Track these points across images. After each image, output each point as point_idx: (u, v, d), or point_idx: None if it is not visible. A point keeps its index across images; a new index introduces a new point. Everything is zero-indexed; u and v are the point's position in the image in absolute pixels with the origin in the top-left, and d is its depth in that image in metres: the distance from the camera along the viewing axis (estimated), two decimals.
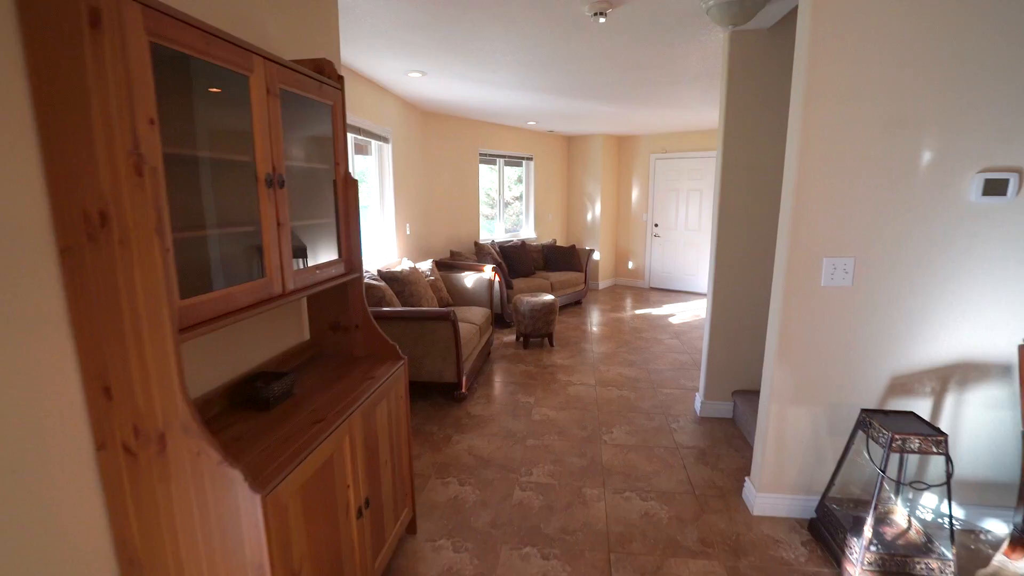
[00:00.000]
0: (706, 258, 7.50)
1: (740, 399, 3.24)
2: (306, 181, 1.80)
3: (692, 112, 5.71)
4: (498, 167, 6.98)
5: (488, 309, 4.61)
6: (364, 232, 4.33)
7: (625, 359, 4.62)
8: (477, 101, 5.09)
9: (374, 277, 3.73)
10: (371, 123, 4.25)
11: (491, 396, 3.77)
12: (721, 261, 3.21)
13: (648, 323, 5.93)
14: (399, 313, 3.31)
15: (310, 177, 1.82)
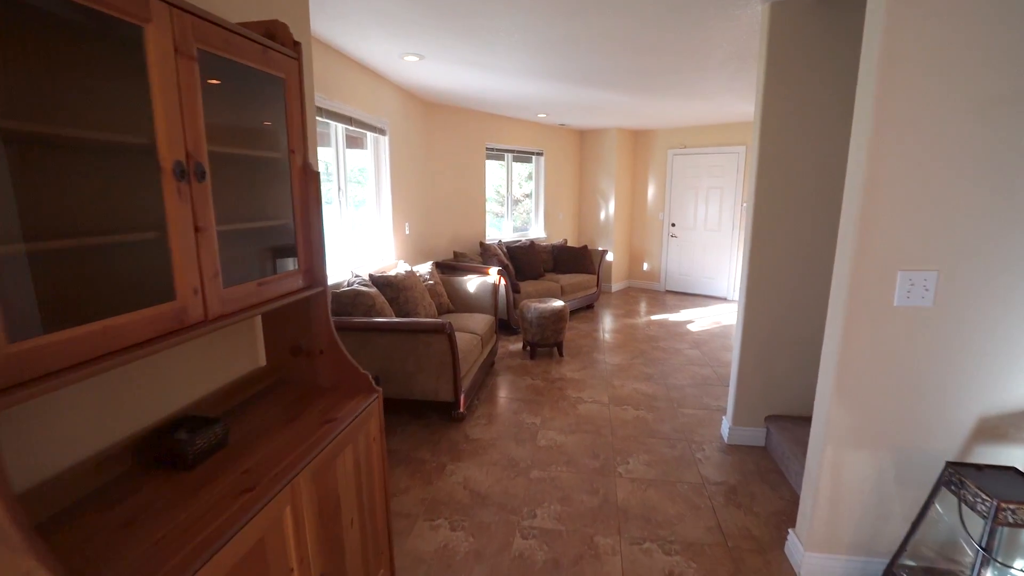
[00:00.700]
0: (726, 260, 7.06)
1: (775, 426, 2.84)
2: (253, 174, 1.44)
3: (715, 104, 5.28)
4: (506, 163, 6.60)
5: (492, 316, 4.25)
6: (359, 232, 4.03)
7: (641, 372, 4.22)
8: (482, 90, 4.72)
9: (365, 282, 3.38)
10: (365, 113, 3.89)
11: (493, 415, 3.40)
12: (755, 269, 2.81)
13: (665, 330, 5.52)
14: (388, 325, 2.95)
15: (258, 169, 1.46)
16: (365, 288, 3.24)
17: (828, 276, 2.70)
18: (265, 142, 1.47)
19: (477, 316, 4.09)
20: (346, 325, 2.96)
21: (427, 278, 4.17)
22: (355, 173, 4.32)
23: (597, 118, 6.37)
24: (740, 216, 6.84)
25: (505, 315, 5.15)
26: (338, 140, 3.73)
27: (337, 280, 3.51)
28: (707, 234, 7.20)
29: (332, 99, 3.38)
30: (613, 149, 7.26)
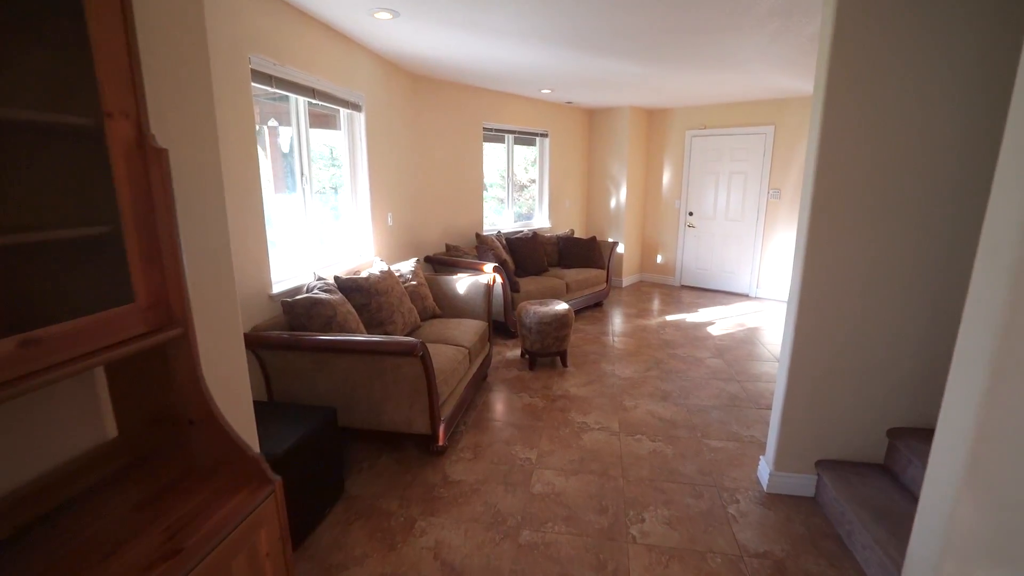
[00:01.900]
0: (749, 253, 6.40)
1: (830, 475, 2.25)
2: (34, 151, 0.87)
3: (744, 76, 4.60)
4: (507, 145, 5.97)
5: (484, 322, 3.67)
6: (331, 226, 3.41)
7: (657, 389, 3.64)
8: (477, 60, 4.08)
9: (328, 287, 2.81)
10: (334, 85, 3.29)
11: (480, 446, 2.84)
12: (810, 280, 2.19)
13: (682, 334, 4.91)
14: (344, 344, 2.38)
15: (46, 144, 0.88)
16: (325, 295, 2.68)
17: (918, 292, 2.09)
18: (59, 97, 0.89)
19: (466, 323, 3.52)
20: (289, 343, 2.40)
21: (409, 278, 3.59)
22: (329, 157, 3.74)
23: (608, 94, 5.70)
24: (766, 205, 6.17)
25: (502, 316, 4.58)
26: (299, 116, 3.13)
27: (297, 284, 2.95)
28: (728, 224, 6.55)
29: (286, 65, 2.79)
30: (626, 130, 6.59)
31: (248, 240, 2.53)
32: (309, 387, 2.58)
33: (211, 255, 1.31)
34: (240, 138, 2.43)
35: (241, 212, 2.46)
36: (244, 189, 2.47)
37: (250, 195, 2.52)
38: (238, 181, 2.44)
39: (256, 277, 2.61)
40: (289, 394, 2.62)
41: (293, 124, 3.13)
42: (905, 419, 2.25)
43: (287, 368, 2.56)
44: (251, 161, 2.52)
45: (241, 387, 1.47)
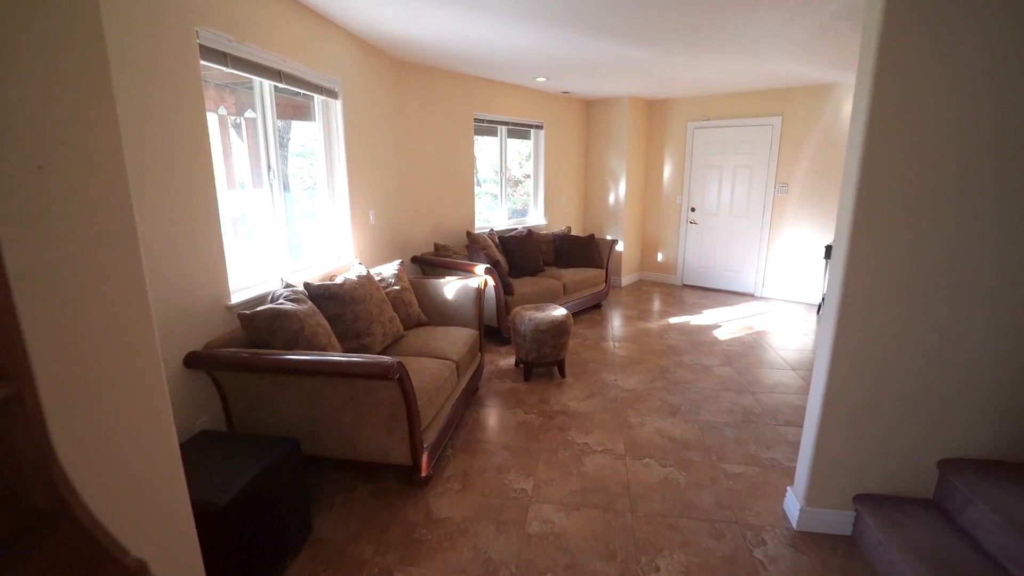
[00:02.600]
0: (754, 251, 6.10)
1: (873, 513, 1.95)
2: None
3: (754, 61, 4.27)
4: (500, 138, 5.63)
5: (475, 330, 3.34)
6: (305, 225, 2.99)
7: (664, 402, 3.33)
8: (465, 42, 3.73)
9: (296, 296, 2.47)
10: (303, 68, 2.94)
11: (469, 474, 2.52)
12: (854, 288, 1.88)
13: (687, 338, 4.61)
14: (305, 364, 2.04)
15: None
16: (290, 306, 2.34)
17: (978, 305, 1.78)
18: None
19: (455, 332, 3.19)
20: (243, 363, 2.06)
21: (391, 283, 3.26)
22: (301, 148, 3.39)
23: (606, 83, 5.36)
24: (772, 200, 5.86)
25: (495, 321, 4.26)
26: (265, 102, 2.79)
27: (263, 292, 2.61)
28: (732, 220, 6.24)
29: (245, 42, 2.43)
30: (624, 122, 6.26)
31: (198, 244, 2.19)
32: (272, 412, 2.25)
33: (98, 271, 0.97)
34: (186, 126, 2.09)
35: (188, 212, 2.11)
36: (191, 185, 2.13)
37: (200, 192, 2.17)
38: (184, 176, 2.09)
39: (209, 286, 2.26)
40: (250, 420, 2.29)
41: (258, 111, 2.78)
42: (960, 449, 1.95)
43: (246, 391, 2.23)
44: (201, 153, 2.17)
45: (161, 445, 1.13)
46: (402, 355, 2.87)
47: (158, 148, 1.95)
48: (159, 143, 1.96)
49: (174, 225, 2.04)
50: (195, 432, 2.13)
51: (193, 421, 2.19)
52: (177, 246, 2.07)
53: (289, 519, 1.97)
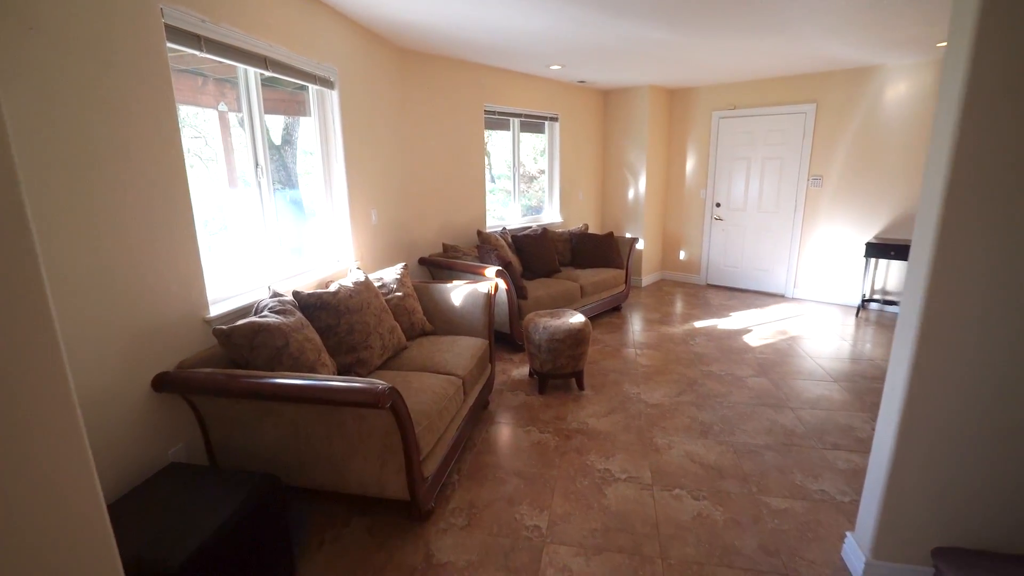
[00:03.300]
0: (785, 249, 5.71)
1: (955, 569, 1.61)
2: None
3: (789, 42, 3.89)
4: (512, 131, 5.32)
5: (484, 340, 3.06)
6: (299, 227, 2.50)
7: (693, 420, 3.01)
8: (475, 27, 3.44)
9: (283, 306, 2.21)
10: (293, 54, 2.68)
11: (476, 506, 2.24)
12: (942, 292, 1.54)
13: (715, 344, 4.26)
14: (285, 389, 1.76)
15: None
16: (274, 318, 2.08)
17: None
18: None
19: (463, 342, 2.91)
20: (214, 386, 1.80)
21: (393, 288, 2.99)
22: (293, 145, 3.13)
23: (625, 71, 5.01)
24: (805, 193, 5.46)
25: (507, 327, 3.97)
26: (251, 91, 2.53)
27: (248, 302, 2.36)
28: (761, 216, 5.85)
29: (221, 23, 2.17)
30: (645, 112, 5.90)
31: (169, 250, 1.94)
32: (253, 439, 1.99)
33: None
34: (150, 117, 1.83)
35: (154, 214, 1.86)
36: (158, 184, 1.87)
37: (169, 192, 1.92)
38: (149, 174, 1.83)
39: (183, 297, 2.01)
40: (230, 447, 2.04)
41: (243, 101, 2.52)
42: None
43: (224, 416, 1.98)
44: (169, 148, 1.91)
45: (80, 505, 0.85)
46: (403, 370, 2.60)
47: (113, 142, 1.70)
48: (114, 136, 1.70)
49: (136, 229, 1.79)
50: (166, 464, 1.88)
51: (165, 450, 1.94)
52: (140, 253, 1.81)
53: (267, 563, 1.71)
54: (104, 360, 1.70)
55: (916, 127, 4.72)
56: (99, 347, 1.68)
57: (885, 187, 4.99)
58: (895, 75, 4.74)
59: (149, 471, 1.83)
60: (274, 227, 2.73)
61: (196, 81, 2.54)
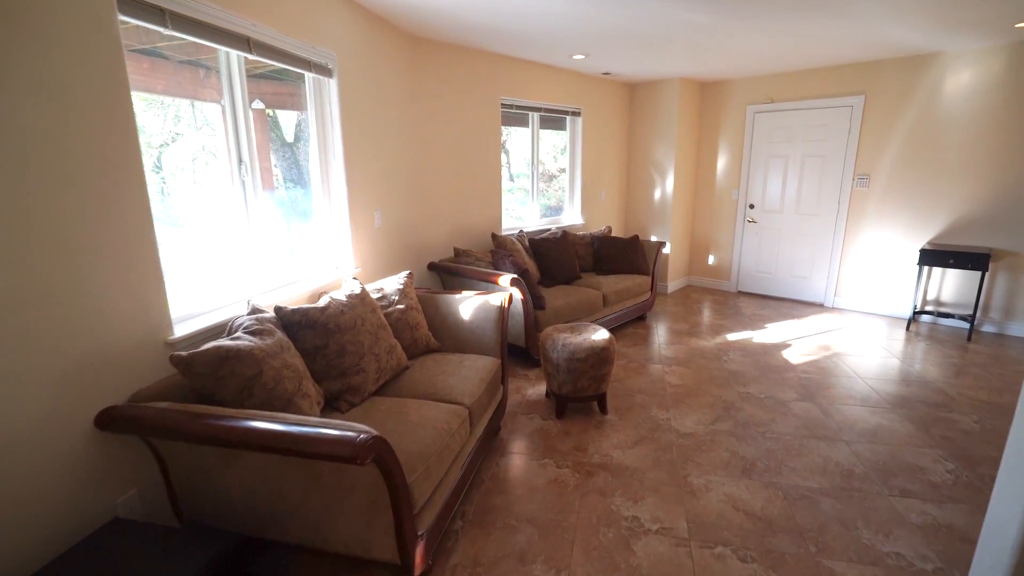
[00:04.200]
0: (826, 254, 5.25)
1: None
2: None
3: (846, 25, 3.47)
4: (531, 127, 4.97)
5: (496, 359, 2.73)
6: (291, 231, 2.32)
7: (733, 454, 2.63)
8: (491, 8, 3.10)
9: (260, 326, 1.90)
10: (283, 36, 2.37)
11: (480, 563, 1.91)
12: None
13: (752, 361, 3.86)
14: (232, 436, 1.44)
15: None
16: (248, 341, 1.77)
17: None
18: None
19: (471, 362, 2.58)
20: (170, 427, 1.49)
21: (394, 300, 2.67)
22: (278, 135, 2.84)
23: (655, 61, 4.62)
24: (849, 194, 5.00)
25: (522, 340, 3.63)
26: (233, 78, 2.23)
27: (222, 320, 2.06)
28: (799, 219, 5.40)
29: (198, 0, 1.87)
30: (674, 107, 5.49)
31: (123, 262, 1.64)
32: (223, 487, 1.69)
33: None
34: (97, 106, 1.53)
35: (100, 220, 1.57)
36: (106, 186, 1.58)
37: (121, 195, 1.62)
38: (95, 174, 1.54)
39: (140, 317, 1.72)
40: (197, 495, 1.74)
41: (225, 89, 2.23)
42: None
43: (187, 458, 1.68)
44: (123, 142, 1.62)
45: None
46: (402, 396, 2.28)
47: (48, 133, 1.40)
48: (49, 126, 1.41)
49: (77, 236, 1.50)
50: (109, 519, 1.59)
51: (113, 499, 1.65)
52: (82, 264, 1.52)
53: None
54: (34, 393, 1.41)
55: (981, 121, 4.24)
56: (29, 376, 1.39)
57: (942, 188, 4.51)
58: (957, 62, 4.26)
59: (86, 530, 1.54)
60: (260, 232, 2.43)
61: (197, 73, 2.27)
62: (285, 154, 2.99)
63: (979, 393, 3.32)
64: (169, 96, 2.22)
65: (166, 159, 2.28)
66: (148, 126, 2.17)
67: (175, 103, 2.25)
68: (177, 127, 2.31)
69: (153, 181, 2.13)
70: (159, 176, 2.20)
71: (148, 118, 2.19)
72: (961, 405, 3.15)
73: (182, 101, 2.25)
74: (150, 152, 2.20)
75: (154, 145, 2.20)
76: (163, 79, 2.21)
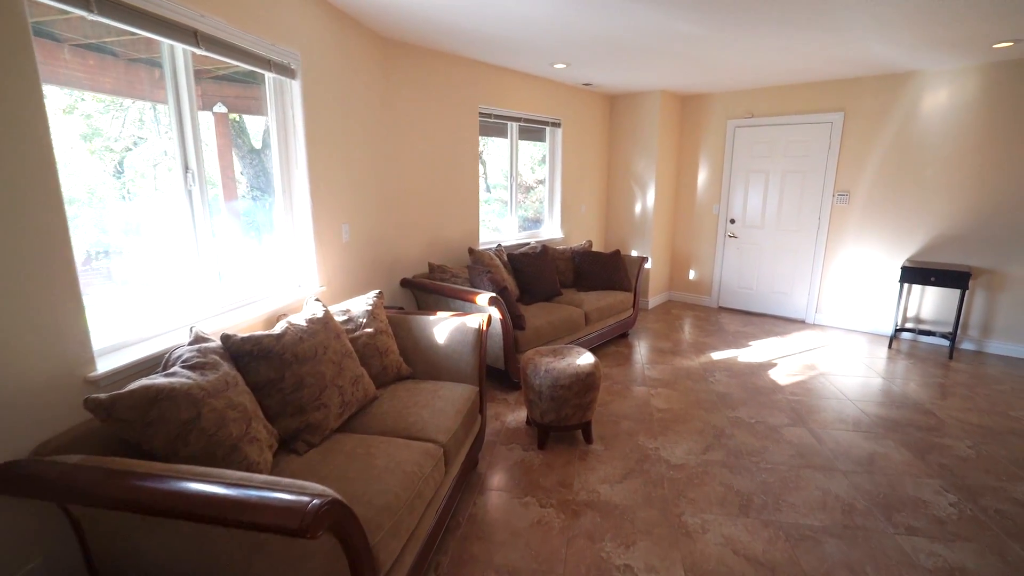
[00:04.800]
0: (807, 270, 5.21)
1: None
2: None
3: (834, 38, 3.41)
4: (510, 138, 4.80)
5: (474, 386, 2.50)
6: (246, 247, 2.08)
7: (728, 488, 2.46)
8: (468, 11, 2.92)
9: (202, 358, 1.64)
10: (236, 30, 2.14)
11: None
12: None
13: (739, 382, 3.73)
14: (152, 502, 1.20)
15: None
16: (183, 378, 1.51)
17: None
18: None
19: (447, 392, 2.35)
20: (74, 488, 1.23)
21: (362, 323, 2.43)
22: (246, 148, 2.60)
23: (637, 73, 4.52)
24: (830, 211, 4.97)
25: (502, 362, 3.42)
26: (180, 77, 1.98)
27: (159, 350, 1.79)
28: (780, 235, 5.35)
29: None
30: (655, 120, 5.40)
31: (21, 286, 1.37)
32: (148, 556, 1.42)
33: None
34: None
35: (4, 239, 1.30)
36: (4, 195, 1.32)
37: (21, 206, 1.36)
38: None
39: (48, 350, 1.45)
40: (119, 562, 1.46)
41: (169, 88, 1.97)
42: None
43: (105, 523, 1.40)
44: (29, 145, 1.36)
45: None
46: (369, 432, 2.04)
47: None
48: None
49: None
50: None
51: (14, 570, 1.36)
52: None
53: None
54: None
55: (958, 140, 4.25)
56: None
57: (921, 206, 4.50)
58: (934, 81, 4.28)
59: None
60: (212, 247, 2.17)
61: (152, 72, 2.01)
62: (252, 161, 2.74)
63: (968, 415, 3.24)
64: (119, 96, 1.99)
65: (128, 164, 2.05)
66: (106, 129, 1.95)
67: (136, 105, 2.01)
68: (141, 131, 2.07)
69: (114, 187, 1.91)
70: (120, 181, 1.97)
71: (105, 121, 1.97)
72: (953, 429, 3.06)
73: (144, 103, 2.00)
74: (111, 156, 1.99)
75: (115, 149, 1.97)
76: (111, 78, 1.97)
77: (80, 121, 1.91)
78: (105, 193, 1.94)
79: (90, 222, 1.88)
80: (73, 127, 1.88)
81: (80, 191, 1.86)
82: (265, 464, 1.61)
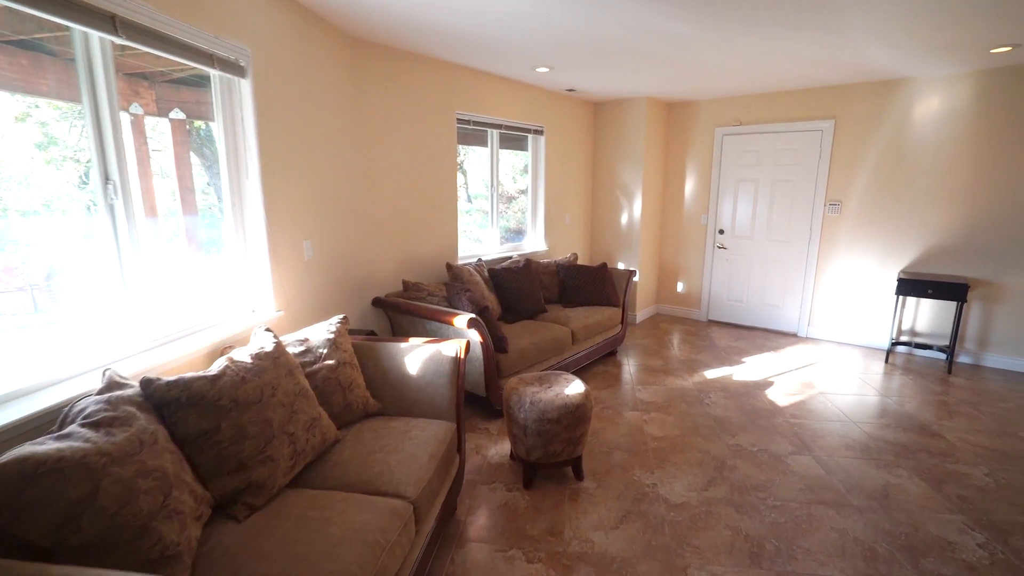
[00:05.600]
0: (798, 282, 5.04)
1: None
2: None
3: (832, 41, 3.24)
4: (490, 146, 4.55)
5: (451, 423, 2.22)
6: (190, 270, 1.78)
7: (735, 531, 2.20)
8: (444, 7, 2.66)
9: (109, 411, 1.33)
10: (171, 19, 1.84)
11: None
12: None
13: (736, 404, 3.50)
14: None
15: None
16: (79, 440, 1.20)
17: None
18: None
19: (418, 432, 2.05)
20: None
21: (323, 353, 2.12)
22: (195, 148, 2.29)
23: (622, 78, 4.32)
24: (821, 221, 4.82)
25: (482, 388, 3.13)
26: (95, 71, 1.68)
27: (61, 401, 1.47)
28: (770, 245, 5.18)
29: None
30: (641, 127, 5.21)
31: None
32: None
33: None
34: None
35: None
36: None
37: None
38: None
39: None
40: None
41: (83, 84, 1.67)
42: None
43: None
44: None
45: None
46: (325, 487, 1.74)
47: None
48: None
49: None
50: None
51: None
52: None
53: None
54: None
55: (951, 148, 4.13)
56: None
57: (915, 216, 4.37)
58: (926, 88, 4.16)
59: None
60: (140, 271, 1.85)
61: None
62: (219, 172, 2.43)
63: (978, 438, 3.06)
64: (62, 100, 1.70)
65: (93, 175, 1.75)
66: (63, 138, 1.70)
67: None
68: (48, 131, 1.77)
69: (81, 199, 1.62)
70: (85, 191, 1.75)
71: (61, 129, 1.75)
72: (965, 454, 2.87)
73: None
74: (76, 167, 1.76)
75: (81, 160, 1.76)
76: (47, 79, 1.67)
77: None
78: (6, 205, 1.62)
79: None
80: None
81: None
82: (187, 545, 1.30)
